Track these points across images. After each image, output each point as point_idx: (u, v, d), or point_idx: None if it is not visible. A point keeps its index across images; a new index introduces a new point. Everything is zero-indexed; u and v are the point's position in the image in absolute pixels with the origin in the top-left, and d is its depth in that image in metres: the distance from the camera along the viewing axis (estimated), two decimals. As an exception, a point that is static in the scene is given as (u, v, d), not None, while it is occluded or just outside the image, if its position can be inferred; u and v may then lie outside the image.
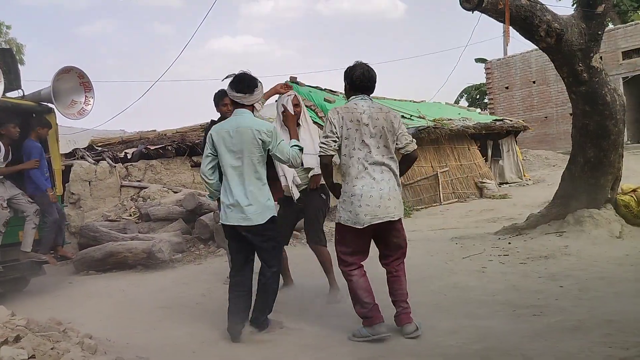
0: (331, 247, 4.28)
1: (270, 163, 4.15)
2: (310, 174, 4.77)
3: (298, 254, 6.33)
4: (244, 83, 3.86)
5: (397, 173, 3.81)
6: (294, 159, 3.95)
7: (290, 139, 4.21)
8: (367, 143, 3.69)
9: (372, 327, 3.64)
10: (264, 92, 4.14)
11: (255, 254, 4.03)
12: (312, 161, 4.63)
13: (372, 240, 3.87)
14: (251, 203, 3.80)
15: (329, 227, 9.17)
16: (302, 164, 4.37)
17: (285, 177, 4.74)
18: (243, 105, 3.91)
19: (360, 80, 3.81)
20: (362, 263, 3.84)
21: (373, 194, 3.65)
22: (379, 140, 3.72)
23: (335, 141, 3.71)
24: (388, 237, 3.82)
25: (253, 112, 3.98)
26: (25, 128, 6.13)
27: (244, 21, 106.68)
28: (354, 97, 3.85)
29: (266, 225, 3.85)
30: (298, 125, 4.78)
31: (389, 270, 3.86)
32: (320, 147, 3.77)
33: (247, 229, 3.83)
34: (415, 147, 3.87)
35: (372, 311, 3.66)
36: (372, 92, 3.88)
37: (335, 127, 3.72)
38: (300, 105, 4.85)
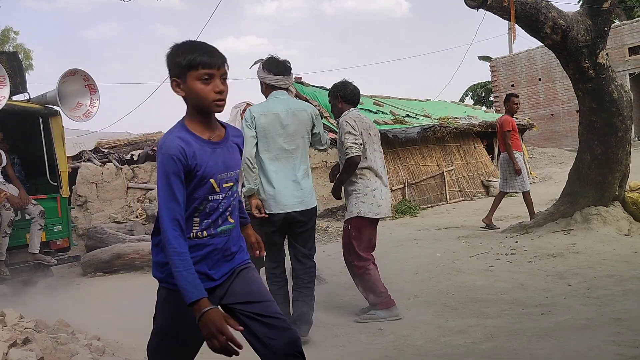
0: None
1: None
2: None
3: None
4: (282, 65, 3.77)
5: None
6: (327, 145, 4.00)
7: None
8: (375, 149, 4.22)
9: (389, 310, 4.09)
10: None
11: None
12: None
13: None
14: (305, 186, 3.74)
15: (334, 227, 9.17)
16: None
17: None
18: (280, 88, 3.79)
19: (353, 94, 4.26)
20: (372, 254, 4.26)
21: (384, 193, 4.20)
22: (378, 147, 4.28)
23: (361, 144, 4.07)
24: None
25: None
26: (31, 131, 6.16)
27: (248, 22, 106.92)
28: (353, 109, 4.25)
29: (316, 209, 3.88)
30: None
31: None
32: (351, 147, 3.99)
33: (302, 213, 3.71)
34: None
35: (387, 297, 4.12)
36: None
37: (357, 132, 4.07)
38: None
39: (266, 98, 3.83)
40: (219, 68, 1.93)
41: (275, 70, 3.75)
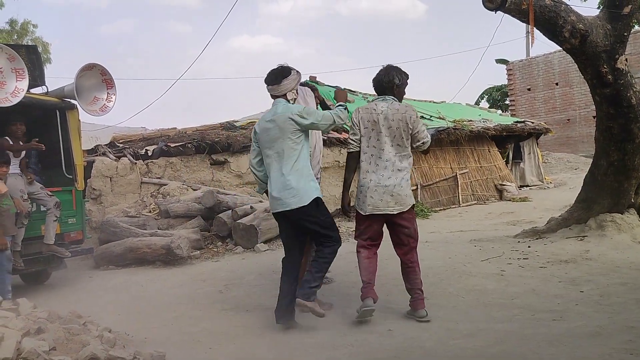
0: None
1: None
2: None
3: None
4: (272, 75, 4.07)
5: (409, 170, 4.17)
6: (337, 117, 4.04)
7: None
8: (381, 141, 4.08)
9: (363, 300, 4.04)
10: (299, 80, 4.22)
11: (307, 238, 4.19)
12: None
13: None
14: (294, 187, 3.90)
15: (346, 226, 9.17)
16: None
17: None
18: (277, 96, 4.08)
19: (375, 86, 4.28)
20: (371, 245, 4.20)
21: (378, 189, 4.05)
22: (393, 139, 4.08)
23: (357, 140, 4.15)
24: (396, 229, 4.17)
25: (288, 101, 4.10)
26: (48, 124, 6.23)
27: (263, 20, 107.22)
28: (376, 98, 4.27)
29: (310, 207, 3.93)
30: None
31: (403, 261, 4.20)
32: (349, 143, 4.23)
33: (292, 212, 3.94)
34: (427, 145, 4.27)
35: (365, 288, 4.09)
36: (392, 92, 4.22)
37: (355, 127, 4.16)
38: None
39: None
40: None
41: (265, 81, 4.12)
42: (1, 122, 5.73)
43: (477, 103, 26.36)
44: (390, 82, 4.18)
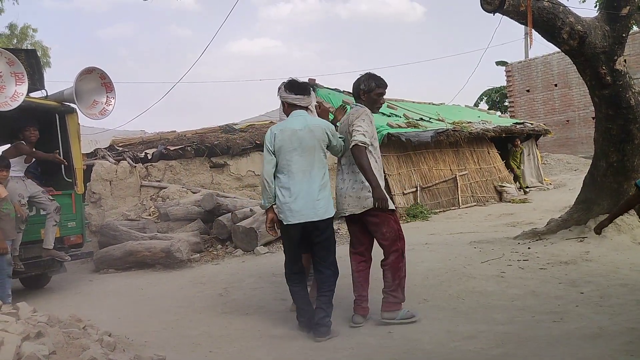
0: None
1: None
2: None
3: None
4: (301, 86, 4.12)
5: (359, 171, 4.03)
6: (341, 147, 4.15)
7: None
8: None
9: (352, 316, 4.15)
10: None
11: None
12: None
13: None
14: (321, 198, 3.94)
15: (345, 229, 9.16)
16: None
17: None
18: (300, 107, 4.08)
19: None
20: (356, 254, 4.24)
21: (338, 192, 4.23)
22: (345, 142, 4.16)
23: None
24: (372, 231, 4.16)
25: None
26: (48, 128, 6.24)
27: (262, 24, 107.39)
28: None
29: (330, 220, 4.03)
30: None
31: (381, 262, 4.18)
32: None
33: (316, 223, 3.93)
34: (352, 144, 3.92)
35: (355, 303, 4.18)
36: (360, 98, 4.24)
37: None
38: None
39: (287, 116, 4.14)
40: None
41: (296, 91, 4.09)
42: (15, 127, 5.76)
43: (476, 105, 26.37)
44: (357, 89, 4.26)
